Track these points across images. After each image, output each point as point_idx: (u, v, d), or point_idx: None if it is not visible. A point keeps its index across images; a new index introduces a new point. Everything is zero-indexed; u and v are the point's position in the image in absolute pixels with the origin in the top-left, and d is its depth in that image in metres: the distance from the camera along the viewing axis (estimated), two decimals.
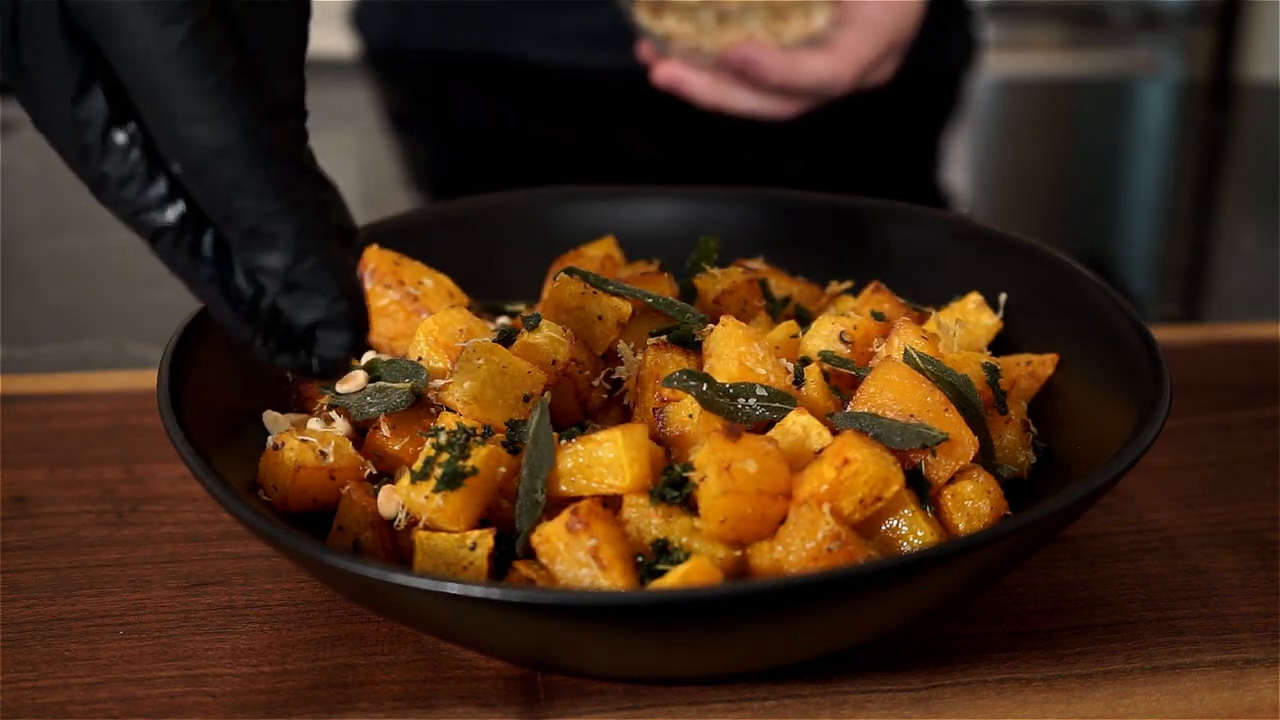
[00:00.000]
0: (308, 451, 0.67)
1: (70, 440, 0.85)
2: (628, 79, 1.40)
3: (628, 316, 0.73)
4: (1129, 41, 3.51)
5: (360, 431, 0.71)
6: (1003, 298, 0.82)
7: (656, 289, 0.75)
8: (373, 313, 0.80)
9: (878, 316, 0.77)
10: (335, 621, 0.68)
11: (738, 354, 0.68)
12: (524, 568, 0.62)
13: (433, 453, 0.64)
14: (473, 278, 0.85)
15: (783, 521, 0.61)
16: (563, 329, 0.71)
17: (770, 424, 0.66)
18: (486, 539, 0.63)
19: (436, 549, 0.63)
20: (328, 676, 0.64)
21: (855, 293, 0.85)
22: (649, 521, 0.62)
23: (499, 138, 1.54)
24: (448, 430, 0.65)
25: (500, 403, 0.68)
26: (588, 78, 1.53)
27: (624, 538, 0.62)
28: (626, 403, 0.71)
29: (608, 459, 0.63)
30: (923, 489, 0.66)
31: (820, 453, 0.63)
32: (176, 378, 0.68)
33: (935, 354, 0.70)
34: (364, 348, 0.60)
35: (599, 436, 0.64)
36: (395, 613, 0.61)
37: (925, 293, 0.84)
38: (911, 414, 0.66)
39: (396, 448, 0.69)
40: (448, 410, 0.68)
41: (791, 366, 0.70)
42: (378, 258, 0.81)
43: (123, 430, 0.86)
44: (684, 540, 0.61)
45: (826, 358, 0.72)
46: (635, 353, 0.71)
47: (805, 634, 0.59)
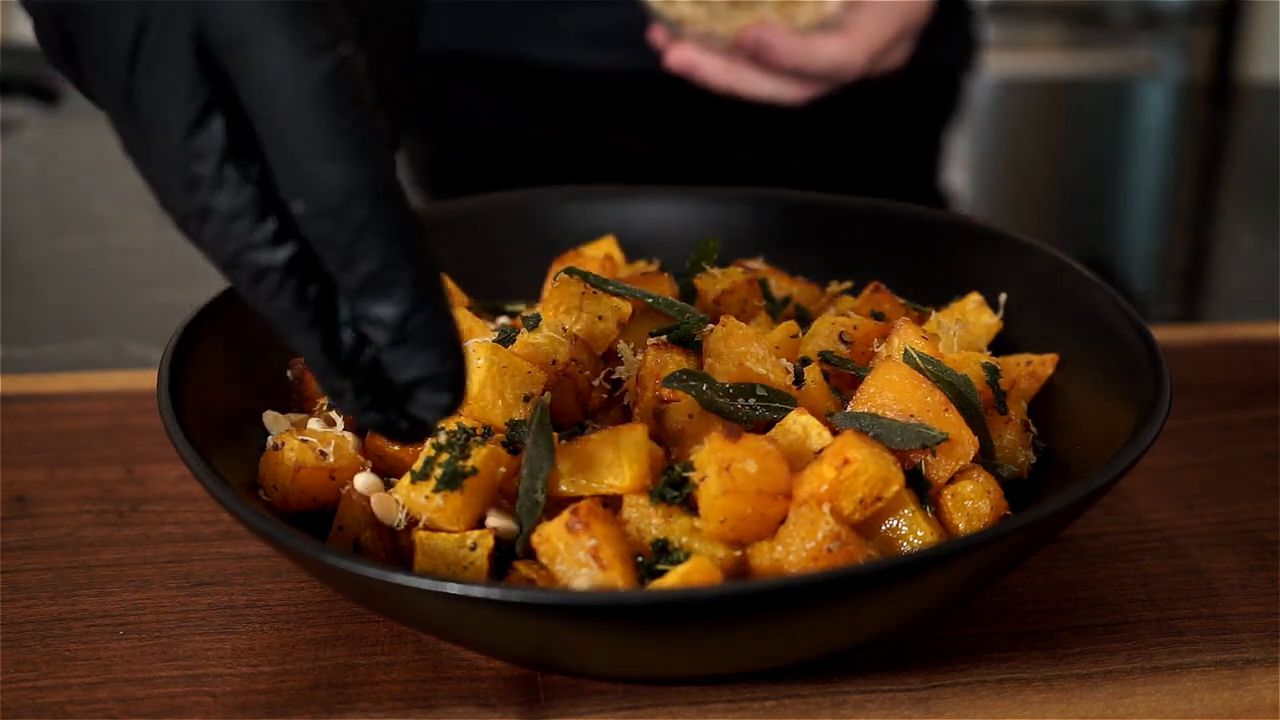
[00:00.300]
0: (308, 451, 0.67)
1: (70, 440, 0.85)
2: (628, 79, 1.40)
3: (628, 316, 0.73)
4: (1129, 41, 3.51)
5: (360, 432, 0.71)
6: (1003, 298, 0.82)
7: (656, 289, 0.75)
8: None
9: (878, 316, 0.77)
10: (335, 621, 0.68)
11: (738, 354, 0.68)
12: (524, 568, 0.62)
13: (433, 453, 0.64)
14: (473, 278, 0.85)
15: (783, 521, 0.61)
16: (563, 329, 0.71)
17: (770, 424, 0.66)
18: (486, 539, 0.63)
19: (436, 549, 0.63)
20: (328, 676, 0.64)
21: (855, 293, 0.85)
22: (649, 521, 0.62)
23: (499, 138, 1.54)
24: (448, 430, 0.65)
25: (500, 403, 0.68)
26: (588, 78, 1.53)
27: (624, 538, 0.62)
28: (626, 403, 0.71)
29: (608, 459, 0.63)
30: (923, 489, 0.66)
31: (820, 453, 0.63)
32: (176, 378, 0.68)
33: (935, 354, 0.70)
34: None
35: (599, 436, 0.64)
36: (395, 613, 0.61)
37: (925, 293, 0.84)
38: (911, 414, 0.66)
39: (396, 448, 0.69)
40: None
41: (791, 366, 0.70)
42: None
43: (123, 430, 0.86)
44: (684, 540, 0.61)
45: (826, 358, 0.72)
46: (635, 353, 0.71)
47: (805, 634, 0.59)
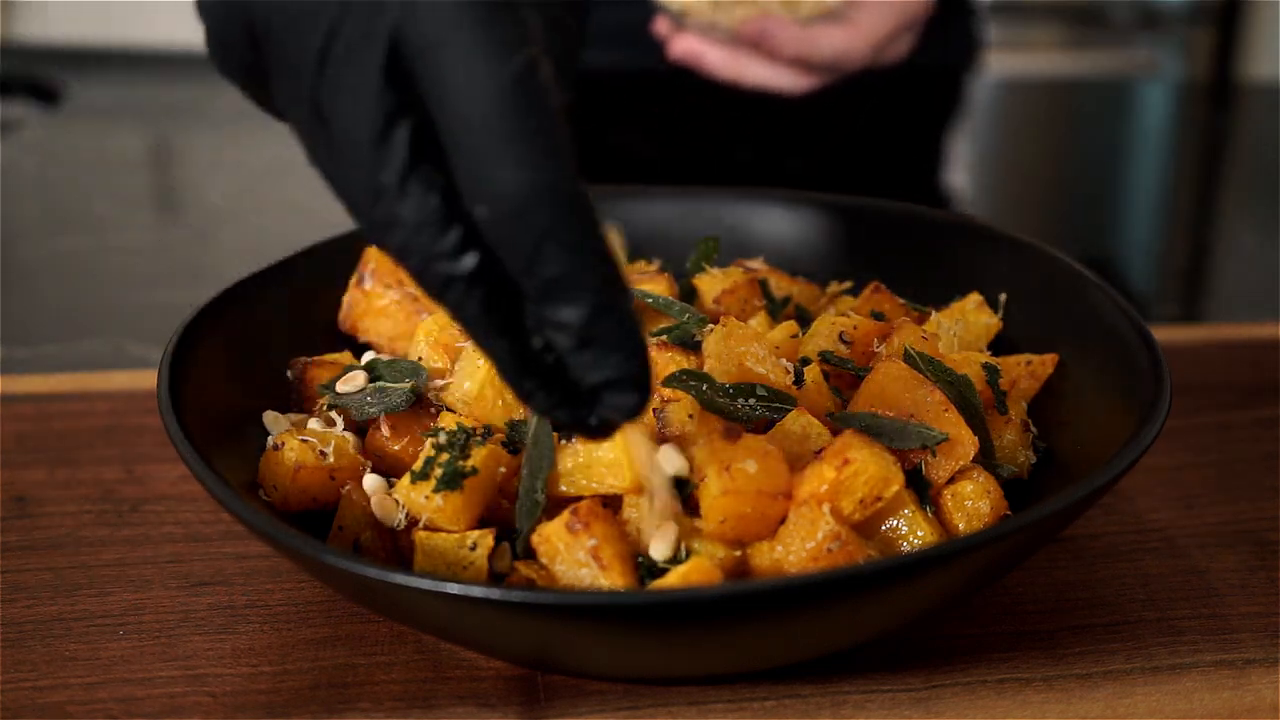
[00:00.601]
0: (308, 451, 0.67)
1: (70, 440, 0.85)
2: (628, 79, 1.40)
3: None
4: (1129, 41, 3.52)
5: (360, 432, 0.71)
6: (1003, 298, 0.82)
7: (656, 289, 0.75)
8: (373, 313, 0.81)
9: (878, 316, 0.77)
10: (335, 621, 0.68)
11: (738, 354, 0.68)
12: (524, 568, 0.62)
13: (433, 453, 0.64)
14: None
15: (783, 521, 0.61)
16: None
17: (770, 424, 0.66)
18: (486, 539, 0.63)
19: (436, 549, 0.63)
20: (328, 676, 0.64)
21: (855, 293, 0.85)
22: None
23: None
24: (448, 430, 0.65)
25: (500, 403, 0.68)
26: (588, 78, 1.52)
27: (624, 538, 0.62)
28: None
29: (608, 459, 0.63)
30: (923, 489, 0.66)
31: (820, 453, 0.63)
32: (176, 378, 0.68)
33: (935, 354, 0.70)
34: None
35: None
36: (395, 613, 0.61)
37: (925, 293, 0.84)
38: (911, 414, 0.66)
39: (396, 448, 0.69)
40: (448, 410, 0.68)
41: (791, 366, 0.70)
42: (378, 258, 0.81)
43: (123, 430, 0.86)
44: (684, 540, 0.61)
45: (826, 358, 0.72)
46: None
47: (805, 634, 0.59)
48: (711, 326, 0.71)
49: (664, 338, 0.71)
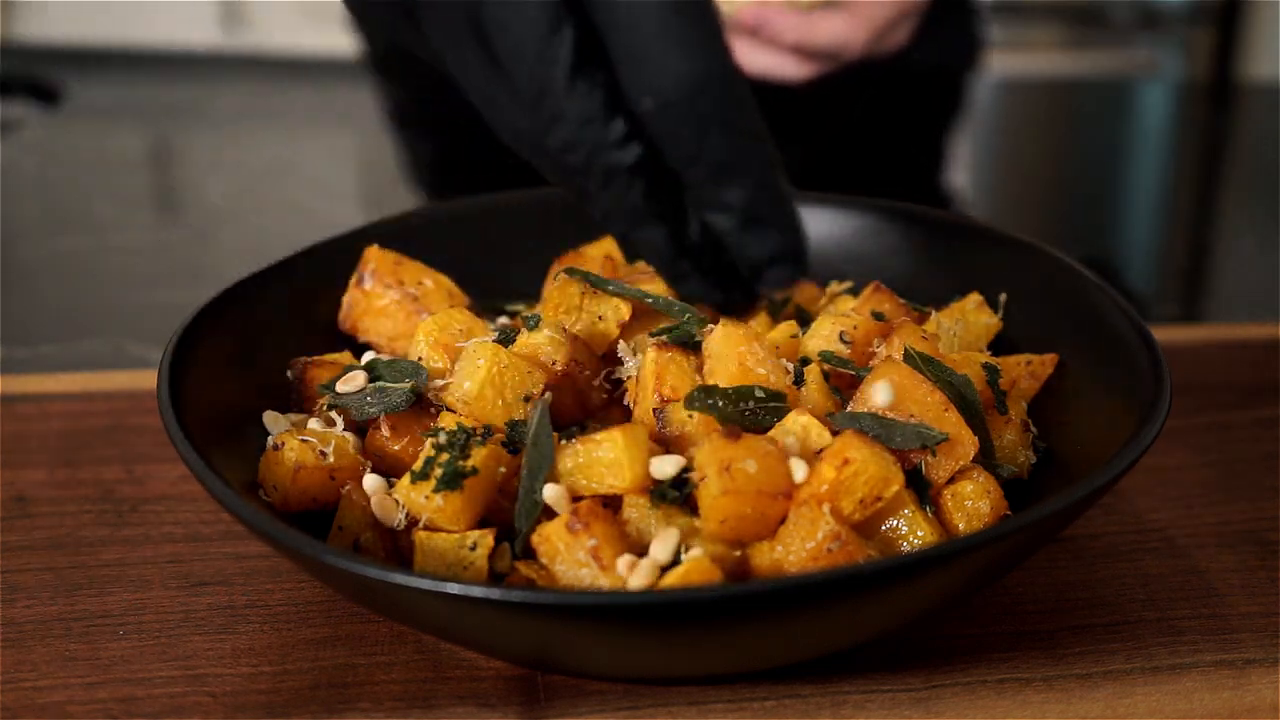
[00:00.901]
0: (308, 451, 0.67)
1: (70, 440, 0.85)
2: None
3: (628, 316, 0.73)
4: (1129, 41, 3.52)
5: (360, 432, 0.71)
6: (1003, 298, 0.82)
7: (656, 289, 0.75)
8: (373, 313, 0.81)
9: (878, 316, 0.77)
10: (335, 621, 0.68)
11: (738, 354, 0.68)
12: (524, 568, 0.62)
13: (433, 453, 0.64)
14: (473, 278, 0.85)
15: (783, 521, 0.61)
16: (563, 329, 0.71)
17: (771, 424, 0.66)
18: (486, 539, 0.63)
19: (436, 549, 0.63)
20: (328, 676, 0.64)
21: (855, 293, 0.85)
22: (649, 521, 0.62)
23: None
24: (448, 430, 0.65)
25: (500, 403, 0.68)
26: None
27: (624, 538, 0.62)
28: (626, 403, 0.71)
29: (608, 459, 0.63)
30: (923, 489, 0.66)
31: (820, 453, 0.63)
32: (176, 378, 0.68)
33: (935, 354, 0.70)
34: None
35: (599, 436, 0.64)
36: (395, 613, 0.61)
37: (925, 293, 0.84)
38: (911, 414, 0.66)
39: (396, 448, 0.69)
40: (448, 410, 0.68)
41: (791, 366, 0.70)
42: (378, 258, 0.81)
43: (123, 430, 0.86)
44: (684, 540, 0.61)
45: (826, 358, 0.72)
46: (635, 353, 0.71)
47: (805, 634, 0.59)
48: (711, 327, 0.71)
49: (664, 338, 0.71)
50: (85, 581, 0.71)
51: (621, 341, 0.72)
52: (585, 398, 0.71)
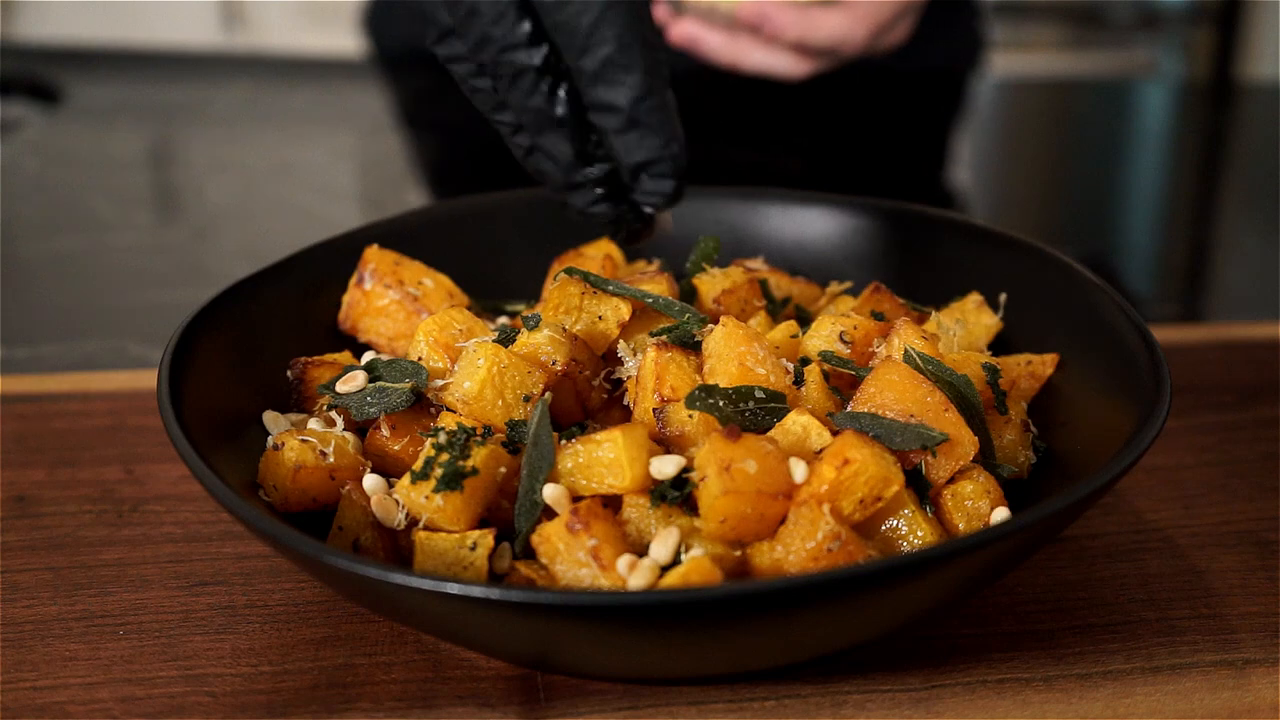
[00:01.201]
0: (308, 451, 0.67)
1: (70, 440, 0.85)
2: None
3: (628, 316, 0.73)
4: (1129, 41, 3.52)
5: (360, 432, 0.71)
6: (1003, 298, 0.82)
7: (656, 289, 0.75)
8: (373, 313, 0.81)
9: (878, 316, 0.77)
10: (335, 621, 0.68)
11: (738, 354, 0.68)
12: (524, 568, 0.62)
13: (433, 453, 0.64)
14: (473, 278, 0.85)
15: (783, 521, 0.61)
16: (563, 329, 0.71)
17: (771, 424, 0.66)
18: (486, 539, 0.63)
19: (436, 549, 0.63)
20: (328, 676, 0.64)
21: (855, 293, 0.85)
22: (649, 521, 0.62)
23: (500, 138, 1.54)
24: (448, 430, 0.65)
25: (500, 403, 0.68)
26: None
27: (624, 538, 0.62)
28: (626, 403, 0.71)
29: (608, 459, 0.63)
30: (923, 489, 0.66)
31: (820, 453, 0.63)
32: (176, 378, 0.68)
33: (935, 354, 0.70)
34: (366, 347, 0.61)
35: (599, 436, 0.64)
36: (395, 613, 0.61)
37: (925, 293, 0.84)
38: (911, 414, 0.66)
39: (396, 448, 0.69)
40: (448, 410, 0.68)
41: (791, 366, 0.70)
42: (378, 258, 0.81)
43: (123, 430, 0.86)
44: (684, 540, 0.61)
45: (826, 358, 0.72)
46: (635, 353, 0.71)
47: (805, 634, 0.59)
48: (711, 326, 0.71)
49: (664, 338, 0.71)
50: (85, 581, 0.71)
51: (621, 341, 0.72)
52: (585, 398, 0.71)
